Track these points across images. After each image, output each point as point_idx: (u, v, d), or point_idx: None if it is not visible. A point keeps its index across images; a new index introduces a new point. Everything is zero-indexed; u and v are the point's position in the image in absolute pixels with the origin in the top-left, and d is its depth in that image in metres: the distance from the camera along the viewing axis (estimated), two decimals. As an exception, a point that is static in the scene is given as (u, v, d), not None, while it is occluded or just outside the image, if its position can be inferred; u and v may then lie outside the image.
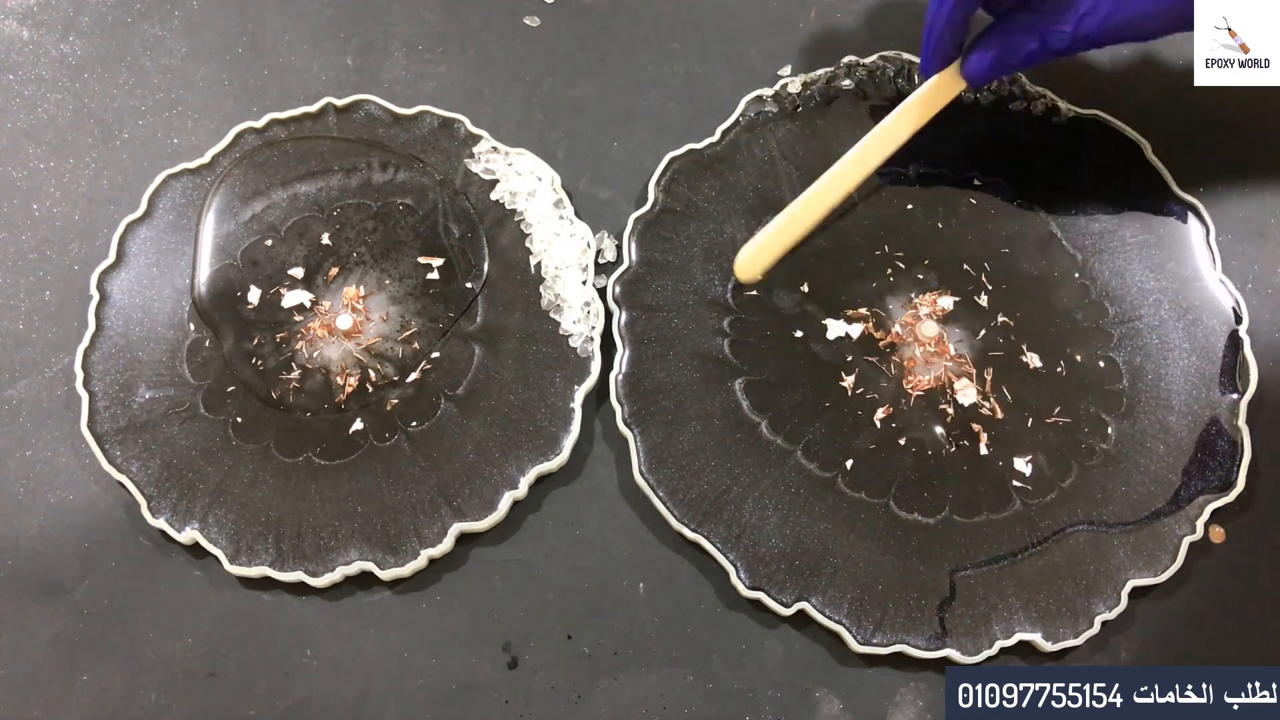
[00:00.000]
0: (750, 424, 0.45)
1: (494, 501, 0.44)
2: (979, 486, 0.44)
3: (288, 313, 0.47)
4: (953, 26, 0.44)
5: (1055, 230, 0.49)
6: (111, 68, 0.54)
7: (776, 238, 0.47)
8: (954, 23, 0.43)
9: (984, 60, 0.44)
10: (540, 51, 0.55)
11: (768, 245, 0.47)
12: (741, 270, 0.47)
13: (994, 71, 0.45)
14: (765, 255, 0.47)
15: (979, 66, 0.45)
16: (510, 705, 0.42)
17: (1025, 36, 0.43)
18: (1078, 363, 0.47)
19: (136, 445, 0.45)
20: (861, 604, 0.42)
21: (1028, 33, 0.43)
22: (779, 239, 0.47)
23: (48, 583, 0.44)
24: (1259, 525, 0.45)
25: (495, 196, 0.50)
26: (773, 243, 0.47)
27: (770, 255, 0.47)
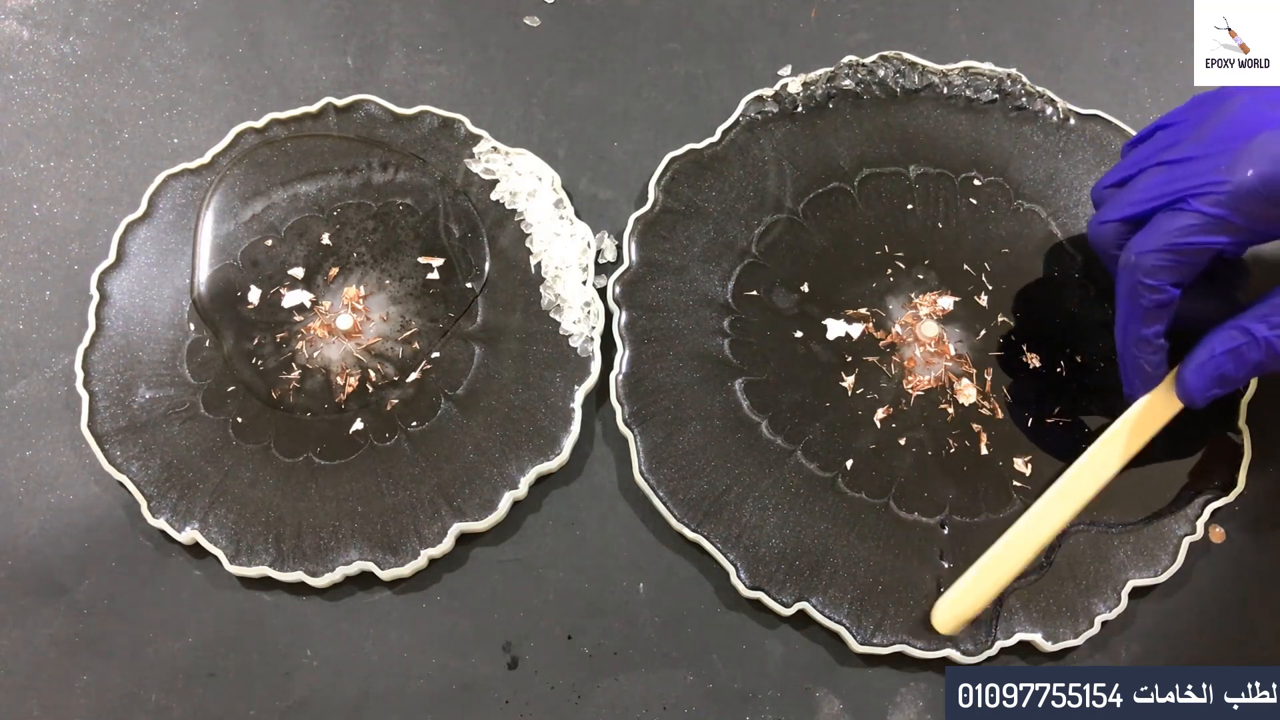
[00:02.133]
0: (750, 424, 0.45)
1: (494, 501, 0.44)
2: (979, 486, 0.44)
3: (288, 313, 0.47)
4: (1143, 347, 0.41)
5: (1055, 230, 0.49)
6: (111, 68, 0.54)
7: (980, 584, 0.41)
8: (1144, 342, 0.41)
9: (1201, 380, 0.40)
10: (540, 51, 0.55)
11: (971, 592, 0.41)
12: (943, 623, 0.42)
13: (1216, 390, 0.40)
14: (969, 604, 0.41)
15: (1198, 388, 0.40)
16: (510, 705, 0.42)
17: (1246, 348, 0.39)
18: (1078, 363, 0.47)
19: (136, 445, 0.45)
20: (861, 604, 0.42)
21: (1249, 344, 0.39)
22: (983, 585, 0.41)
23: (48, 583, 0.44)
24: (1259, 525, 0.45)
25: (495, 196, 0.50)
26: (976, 589, 0.41)
27: (975, 604, 0.41)
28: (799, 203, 0.50)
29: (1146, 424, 0.42)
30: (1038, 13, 0.56)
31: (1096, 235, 0.42)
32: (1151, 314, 0.40)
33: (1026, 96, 0.52)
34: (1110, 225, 0.41)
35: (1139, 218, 0.40)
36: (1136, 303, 0.40)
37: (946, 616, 0.41)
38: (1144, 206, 0.40)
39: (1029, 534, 0.42)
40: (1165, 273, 0.39)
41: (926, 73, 0.52)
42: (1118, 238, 0.41)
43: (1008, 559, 0.41)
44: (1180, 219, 0.38)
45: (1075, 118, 0.52)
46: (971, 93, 0.52)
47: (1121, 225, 0.41)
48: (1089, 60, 0.55)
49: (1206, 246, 0.38)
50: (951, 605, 0.41)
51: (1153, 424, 0.42)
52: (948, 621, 0.41)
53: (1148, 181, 0.40)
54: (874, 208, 0.50)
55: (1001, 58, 0.54)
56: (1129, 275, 0.40)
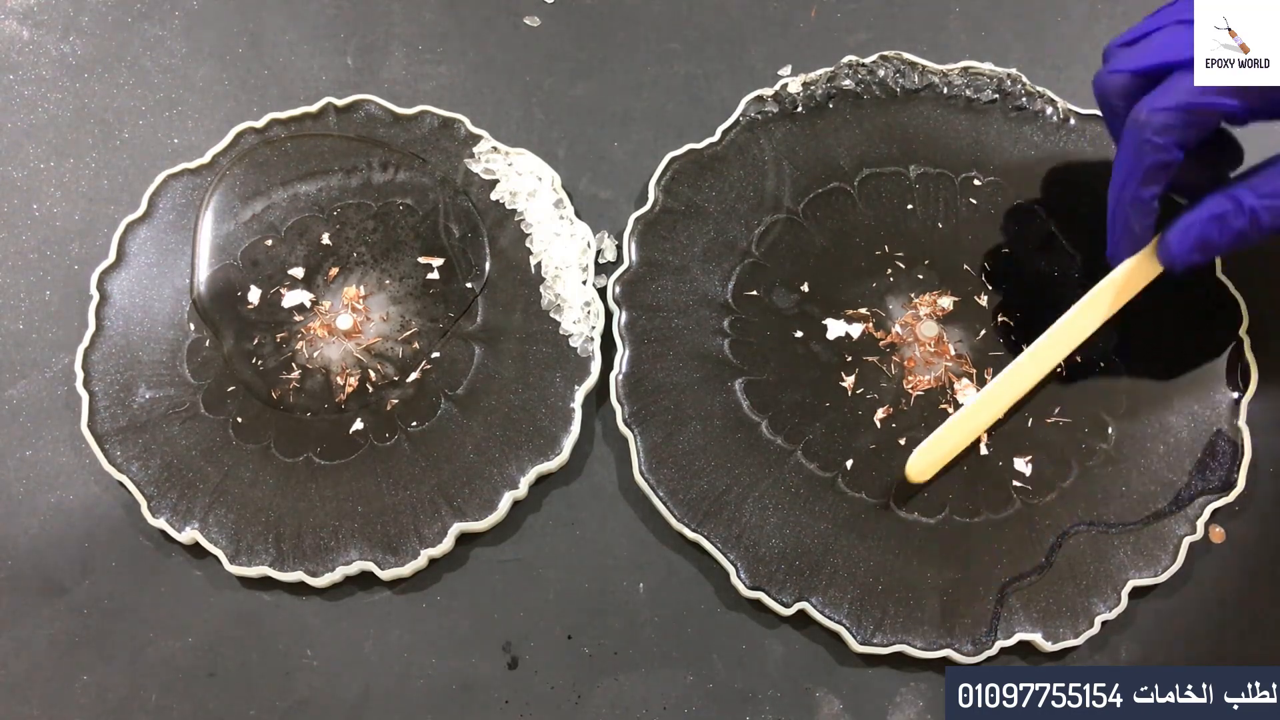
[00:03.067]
0: (750, 424, 0.45)
1: (494, 501, 0.44)
2: (979, 486, 0.44)
3: (288, 313, 0.47)
4: (1138, 207, 0.40)
5: (1055, 230, 0.49)
6: (112, 68, 0.54)
7: (949, 435, 0.43)
8: (1139, 203, 0.40)
9: (1184, 243, 0.40)
10: (540, 51, 0.55)
11: (940, 444, 0.43)
12: (916, 471, 0.43)
13: (1198, 256, 0.40)
14: (937, 455, 0.43)
15: (1180, 251, 0.40)
16: (510, 705, 0.42)
17: (1232, 214, 0.39)
18: (1078, 363, 0.47)
19: (136, 445, 0.45)
20: (861, 604, 0.42)
21: (1235, 210, 0.39)
22: (952, 437, 0.43)
23: (48, 583, 0.44)
24: (1259, 525, 0.45)
25: (495, 196, 0.50)
26: (945, 441, 0.43)
27: (942, 454, 0.43)
28: (799, 203, 0.50)
29: (1127, 287, 0.43)
30: (1038, 13, 0.56)
31: (1104, 86, 0.41)
32: (1152, 174, 0.39)
33: (1026, 96, 0.52)
34: (1121, 76, 0.40)
35: (1153, 71, 0.39)
36: (1139, 161, 0.39)
37: (920, 464, 0.43)
38: (1159, 58, 0.39)
39: (1006, 386, 0.43)
40: (1174, 132, 0.38)
41: (926, 73, 0.52)
42: (1127, 91, 0.40)
43: (982, 410, 0.43)
44: None
45: (1075, 118, 0.52)
46: (971, 93, 0.52)
47: (1133, 79, 0.40)
48: (1089, 60, 0.55)
49: (1219, 109, 0.38)
50: (924, 453, 0.43)
51: (1132, 287, 0.43)
52: (921, 469, 0.43)
53: (1166, 38, 0.39)
54: (874, 208, 0.50)
55: (1001, 58, 0.54)
56: (1136, 132, 0.39)
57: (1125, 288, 0.43)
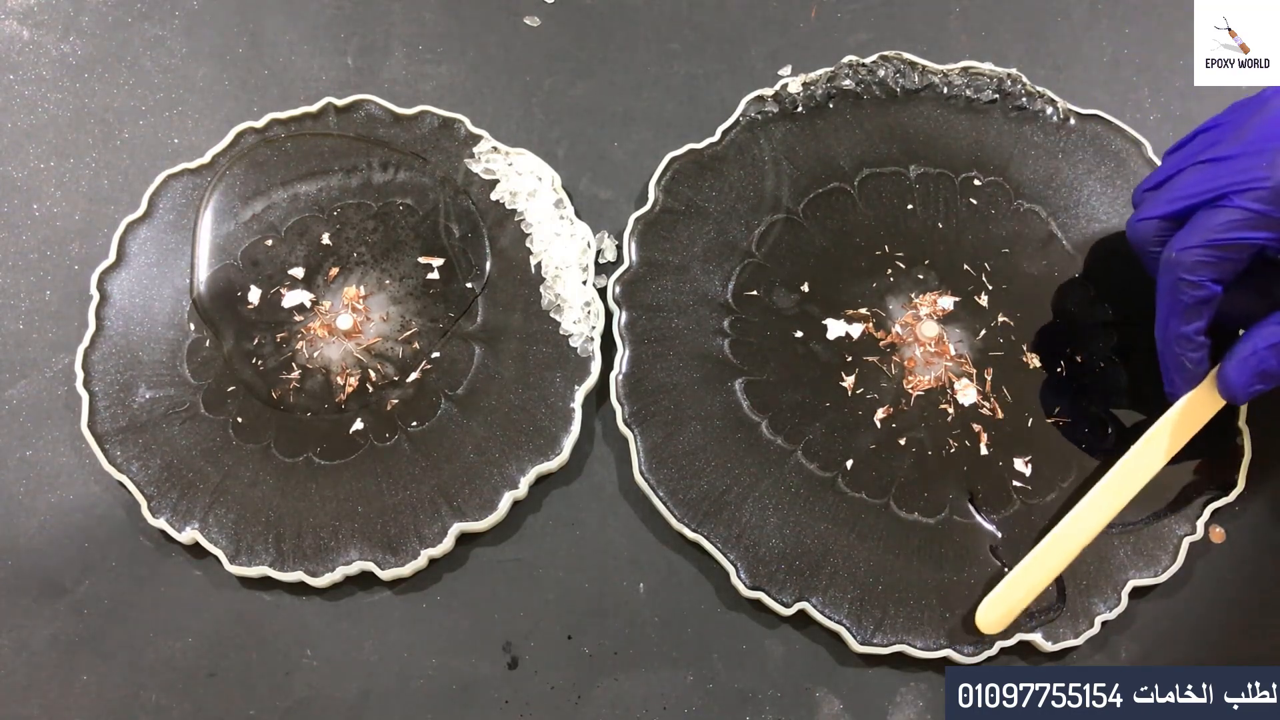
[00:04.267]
0: (750, 424, 0.45)
1: (494, 501, 0.44)
2: (979, 486, 0.44)
3: (288, 313, 0.47)
4: (1184, 344, 0.41)
5: (1055, 230, 0.49)
6: (112, 68, 0.54)
7: (1022, 582, 0.41)
8: (1184, 339, 0.41)
9: (1244, 375, 0.40)
10: (540, 51, 0.55)
11: (1013, 592, 0.41)
12: (987, 624, 0.41)
13: (1259, 386, 0.40)
14: (1013, 603, 0.41)
15: (1240, 384, 0.40)
16: (510, 705, 0.42)
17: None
18: (1078, 363, 0.47)
19: (136, 445, 0.45)
20: (861, 604, 0.42)
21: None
22: (1025, 583, 0.41)
23: (48, 583, 0.44)
24: (1259, 525, 0.45)
25: (495, 196, 0.50)
26: (1018, 588, 0.41)
27: (1019, 602, 0.41)
28: (799, 203, 0.50)
29: (1189, 422, 0.42)
30: (1038, 13, 0.56)
31: (1136, 233, 0.42)
32: (1192, 310, 0.40)
33: (1026, 96, 0.52)
34: (1150, 222, 0.41)
35: (1179, 215, 0.40)
36: (1177, 299, 0.40)
37: (991, 616, 0.41)
38: (1185, 203, 0.40)
39: (1073, 532, 0.41)
40: (1206, 269, 0.39)
41: (926, 73, 0.52)
42: (1158, 235, 0.41)
43: (1051, 557, 0.41)
44: (1221, 215, 0.38)
45: (1075, 118, 0.52)
46: (971, 93, 0.52)
47: (1161, 222, 0.41)
48: (1089, 60, 0.55)
49: (1248, 242, 0.38)
50: (995, 604, 0.41)
51: (1195, 421, 0.42)
52: (992, 621, 0.41)
53: (1188, 179, 0.40)
54: (874, 208, 0.50)
55: (1001, 58, 0.54)
56: (1170, 272, 0.40)
57: (1186, 422, 0.42)
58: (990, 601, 0.41)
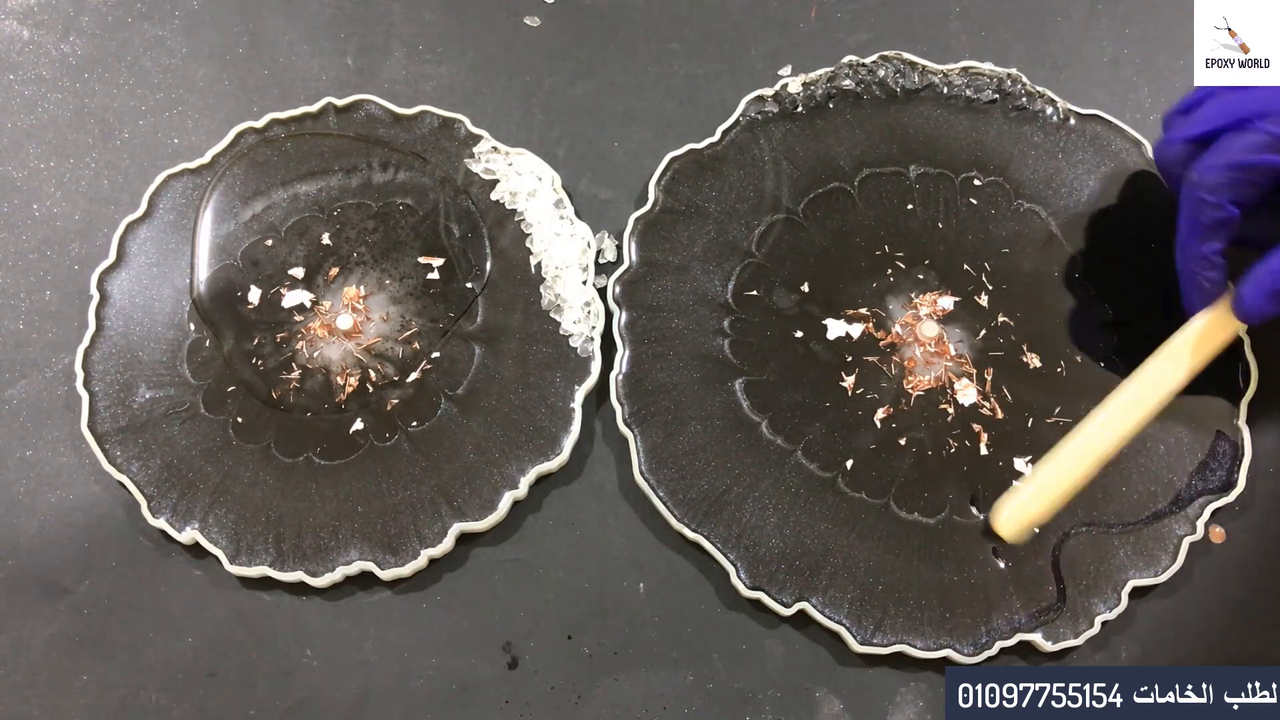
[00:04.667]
0: (750, 424, 0.45)
1: (494, 501, 0.44)
2: (979, 486, 0.44)
3: (288, 313, 0.47)
4: (1201, 263, 0.41)
5: (1055, 230, 0.49)
6: (112, 68, 0.54)
7: (1042, 494, 0.41)
8: (1202, 258, 0.41)
9: (1257, 295, 0.40)
10: (540, 51, 0.55)
11: (1034, 502, 0.41)
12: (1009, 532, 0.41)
13: (1272, 306, 0.40)
14: (1032, 514, 0.41)
15: (1253, 303, 0.40)
16: (510, 705, 0.42)
17: None
18: (1078, 363, 0.47)
19: (136, 445, 0.45)
20: (862, 604, 0.42)
21: None
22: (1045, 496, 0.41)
23: (48, 583, 0.44)
24: (1259, 525, 0.45)
25: (495, 196, 0.50)
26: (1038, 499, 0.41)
27: (1038, 514, 0.41)
28: (799, 203, 0.50)
29: (1205, 341, 0.42)
30: (1038, 13, 0.56)
31: (1162, 155, 0.43)
32: (1211, 231, 0.41)
33: (1026, 96, 0.52)
34: (1176, 145, 0.42)
35: (1205, 137, 0.41)
36: (1197, 219, 0.41)
37: (1011, 526, 0.40)
38: (1210, 125, 0.41)
39: (1091, 446, 0.41)
40: (1227, 190, 0.40)
41: (926, 73, 0.52)
42: (1183, 157, 0.42)
43: (1071, 469, 0.41)
44: (1245, 138, 0.39)
45: (1075, 118, 0.52)
46: (971, 93, 0.52)
47: (1187, 145, 0.42)
48: (1089, 60, 0.55)
49: (1269, 165, 0.39)
50: (1016, 513, 0.41)
51: (1211, 341, 0.42)
52: (1013, 531, 0.41)
53: (1216, 104, 0.41)
54: (874, 208, 0.50)
55: (1001, 58, 0.54)
56: (1191, 192, 0.41)
57: (1203, 341, 0.42)
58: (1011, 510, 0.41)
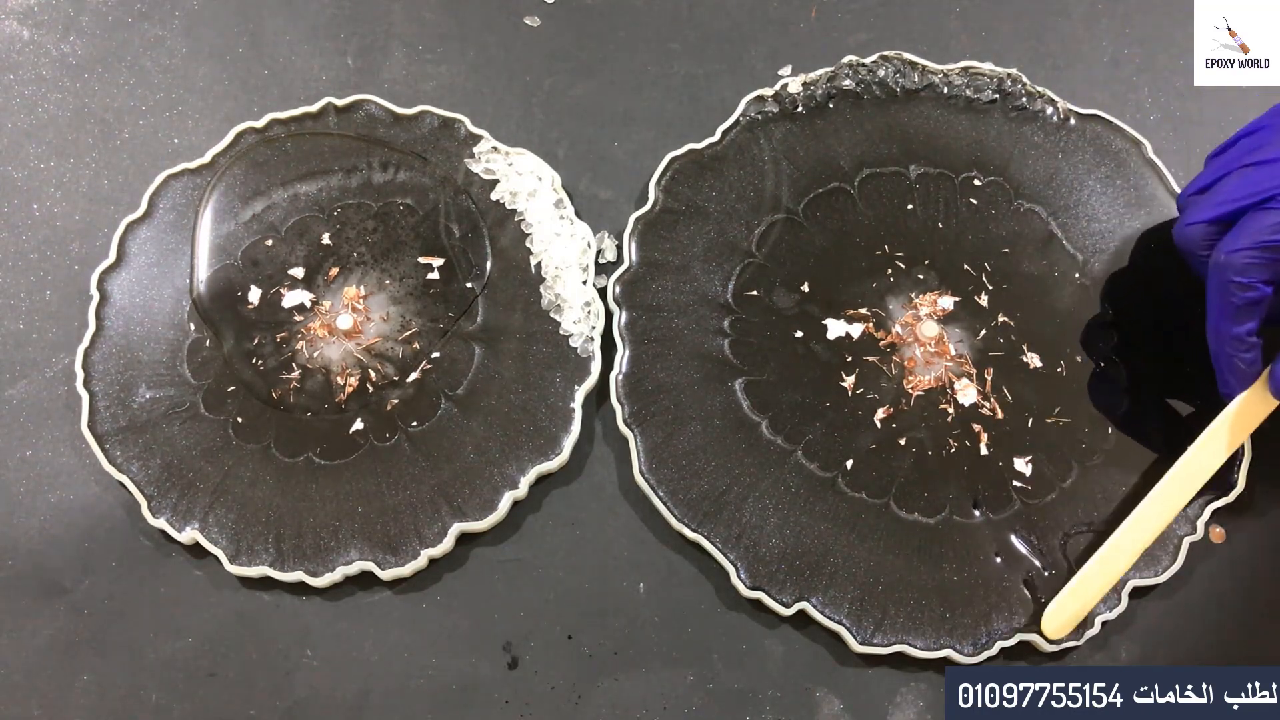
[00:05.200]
0: (750, 424, 0.45)
1: (494, 501, 0.44)
2: (979, 486, 0.44)
3: (288, 313, 0.47)
4: (1235, 345, 0.41)
5: (1055, 230, 0.49)
6: (112, 68, 0.54)
7: (1087, 587, 0.42)
8: (1236, 340, 0.41)
9: None
10: (540, 51, 0.55)
11: (1079, 596, 0.42)
12: (1053, 630, 0.42)
13: None
14: (1077, 608, 0.42)
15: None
16: (510, 705, 0.42)
17: None
18: (1078, 363, 0.47)
19: (137, 445, 0.45)
20: (862, 604, 0.42)
21: None
22: (1089, 588, 0.42)
23: (48, 583, 0.44)
24: (1259, 525, 0.45)
25: (495, 196, 0.50)
26: (1083, 593, 0.42)
27: (1083, 607, 0.42)
28: (799, 203, 0.50)
29: (1244, 421, 0.42)
30: (1038, 13, 0.56)
31: (1183, 238, 0.43)
32: (1243, 311, 0.41)
33: (1026, 96, 0.52)
34: (1198, 227, 0.42)
35: (1226, 218, 0.41)
36: (1228, 301, 0.41)
37: (1056, 623, 0.42)
38: (1231, 206, 0.40)
39: (1134, 536, 0.42)
40: (1257, 270, 0.40)
41: (926, 73, 0.52)
42: (1205, 239, 0.42)
43: (1113, 561, 0.42)
44: (1271, 217, 0.39)
45: (1075, 118, 0.52)
46: (971, 93, 0.52)
47: (1209, 226, 0.41)
48: (1089, 60, 0.55)
49: None
50: (1059, 610, 0.42)
51: (1250, 421, 0.42)
52: (1058, 628, 0.42)
53: (1235, 183, 0.41)
54: (874, 208, 0.50)
55: (1001, 58, 0.54)
56: (1219, 274, 0.41)
57: (1241, 422, 0.42)
58: (1056, 607, 0.42)
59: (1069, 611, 0.42)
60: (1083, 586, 0.42)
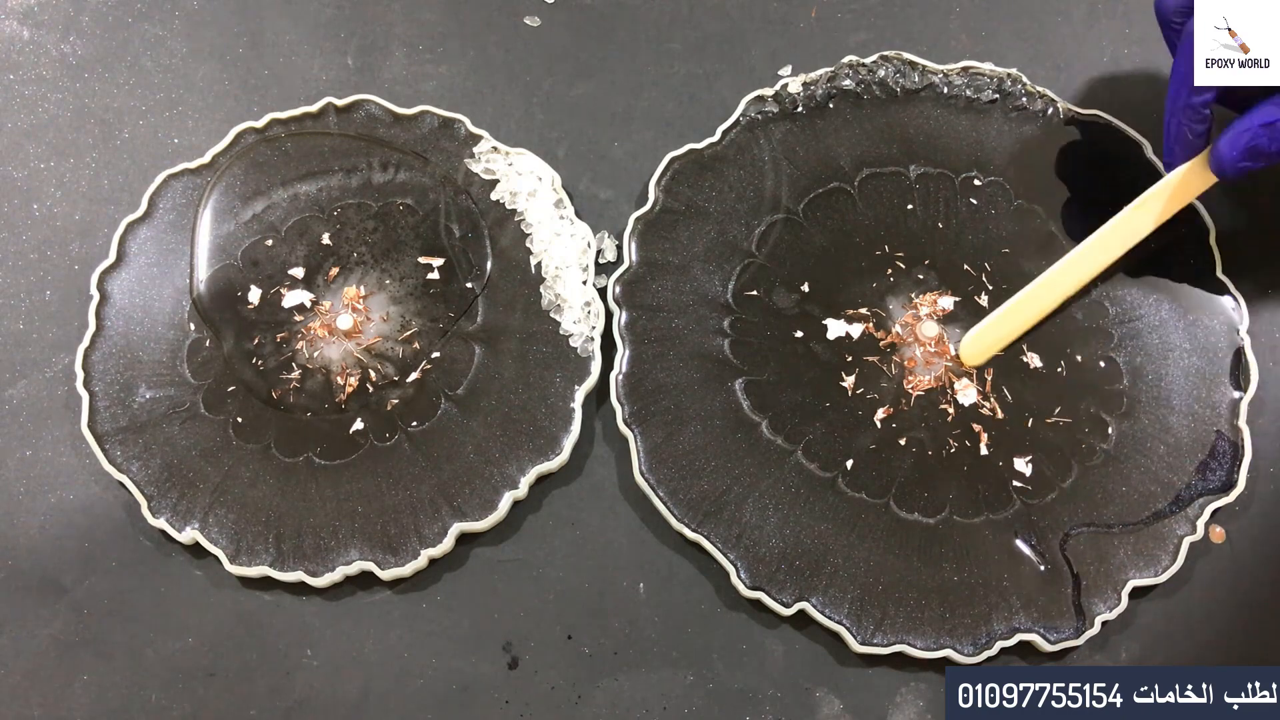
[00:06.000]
0: (750, 424, 0.45)
1: (494, 501, 0.44)
2: (979, 486, 0.44)
3: (288, 313, 0.47)
4: (1190, 113, 0.42)
5: (1055, 230, 0.49)
6: (112, 67, 0.54)
7: (1001, 323, 0.45)
8: (1191, 109, 0.42)
9: (1234, 151, 0.42)
10: (540, 51, 0.55)
11: (992, 330, 0.45)
12: (968, 355, 0.45)
13: (1248, 163, 0.42)
14: (990, 340, 0.44)
15: (1229, 158, 0.42)
16: (510, 705, 0.42)
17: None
18: (1078, 363, 0.47)
19: (137, 445, 0.45)
20: (862, 604, 0.42)
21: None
22: (1004, 324, 0.45)
23: (48, 583, 0.44)
24: (1259, 525, 0.45)
25: (495, 196, 0.50)
26: (997, 328, 0.45)
27: (995, 341, 0.44)
28: (799, 203, 0.50)
29: (1180, 193, 0.44)
30: (1038, 13, 0.56)
31: (1162, 5, 0.44)
32: None
33: (1026, 96, 0.52)
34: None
35: None
36: (1190, 69, 0.42)
37: (972, 349, 0.45)
38: None
39: (1057, 280, 0.44)
40: None
41: (926, 73, 0.52)
42: (1181, 7, 0.43)
43: (1034, 301, 0.44)
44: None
45: (1075, 118, 0.52)
46: (971, 93, 0.52)
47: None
48: (1089, 60, 0.55)
49: None
50: (977, 338, 0.45)
51: (1186, 194, 0.44)
52: (973, 354, 0.45)
53: None
54: (874, 208, 0.50)
55: (1001, 58, 0.54)
56: (1188, 43, 0.42)
57: (1178, 193, 0.44)
58: (973, 335, 0.45)
59: (986, 341, 0.45)
60: (1003, 319, 0.45)
